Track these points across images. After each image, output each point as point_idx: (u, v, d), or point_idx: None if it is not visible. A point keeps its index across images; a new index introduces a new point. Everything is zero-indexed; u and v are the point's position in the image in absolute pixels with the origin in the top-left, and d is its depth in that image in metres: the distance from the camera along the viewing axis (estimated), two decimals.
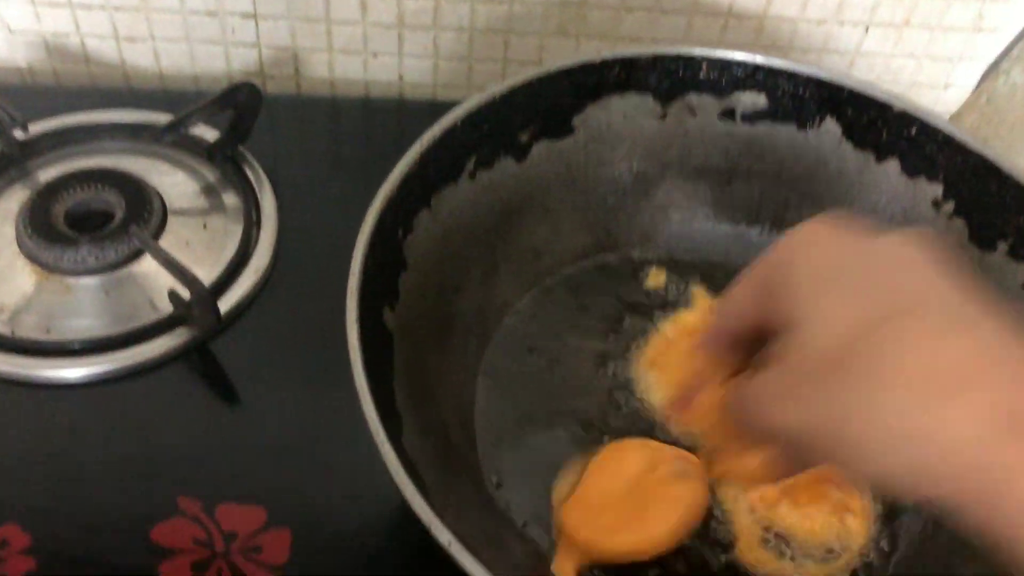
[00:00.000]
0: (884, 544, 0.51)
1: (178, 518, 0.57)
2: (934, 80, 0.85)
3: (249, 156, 0.75)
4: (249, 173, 0.74)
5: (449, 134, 0.53)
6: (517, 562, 0.47)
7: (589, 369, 0.57)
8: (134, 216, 0.68)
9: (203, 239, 0.70)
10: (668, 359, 0.58)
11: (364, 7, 0.78)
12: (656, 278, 0.61)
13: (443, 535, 0.38)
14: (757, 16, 0.79)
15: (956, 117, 0.89)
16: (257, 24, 0.80)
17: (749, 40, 0.81)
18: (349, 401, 0.43)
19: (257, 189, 0.73)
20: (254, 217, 0.71)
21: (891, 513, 0.53)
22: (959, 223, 0.57)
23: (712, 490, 0.52)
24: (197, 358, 0.65)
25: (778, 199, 0.62)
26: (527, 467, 0.52)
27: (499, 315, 0.57)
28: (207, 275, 0.66)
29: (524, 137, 0.58)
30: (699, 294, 0.61)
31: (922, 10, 0.79)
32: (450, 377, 0.53)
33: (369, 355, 0.44)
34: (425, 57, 0.82)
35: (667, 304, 0.61)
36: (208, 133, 0.76)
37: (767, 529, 0.51)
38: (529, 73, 0.56)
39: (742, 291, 0.36)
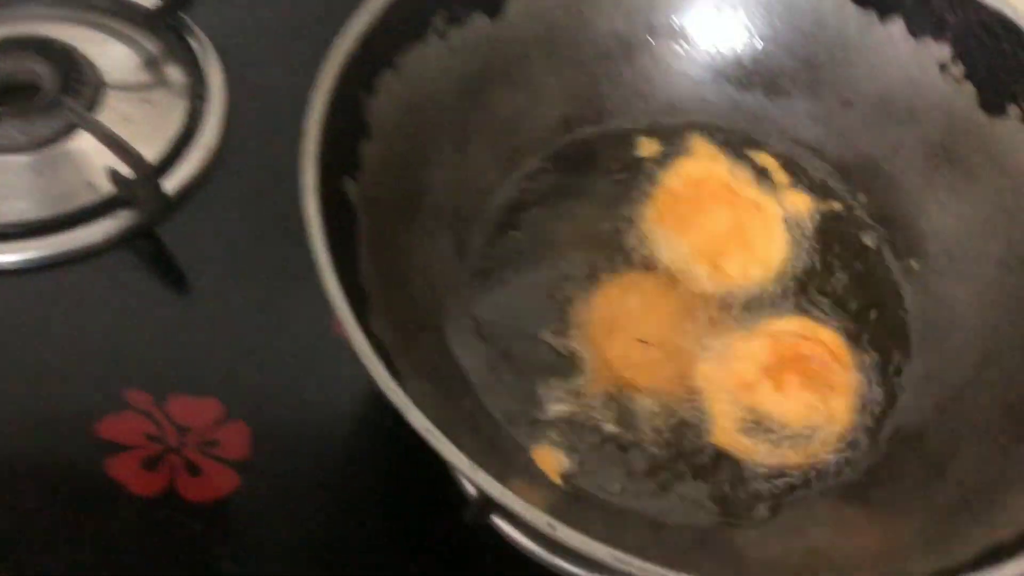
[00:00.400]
0: (870, 426, 0.48)
1: (126, 412, 0.53)
2: None
3: (193, 24, 0.68)
4: (194, 44, 0.67)
5: None
6: (495, 451, 0.44)
7: (582, 246, 0.53)
8: (66, 88, 0.61)
9: (144, 115, 0.64)
10: (677, 213, 0.54)
11: None
12: (648, 147, 0.57)
13: (419, 420, 0.34)
14: None
15: None
16: None
17: None
18: (310, 287, 0.39)
19: (203, 61, 0.67)
20: (200, 91, 0.65)
21: (886, 397, 0.49)
22: (968, 89, 0.53)
23: (686, 371, 0.48)
24: (143, 243, 0.59)
25: (771, 64, 0.57)
26: (509, 354, 0.48)
27: (475, 194, 0.53)
28: (150, 154, 0.60)
29: None
30: (699, 142, 0.57)
31: None
32: (422, 259, 0.48)
33: (330, 228, 0.40)
34: None
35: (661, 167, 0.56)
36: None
37: (744, 410, 0.48)
38: None
39: None
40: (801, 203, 0.56)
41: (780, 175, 0.57)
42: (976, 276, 0.51)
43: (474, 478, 0.33)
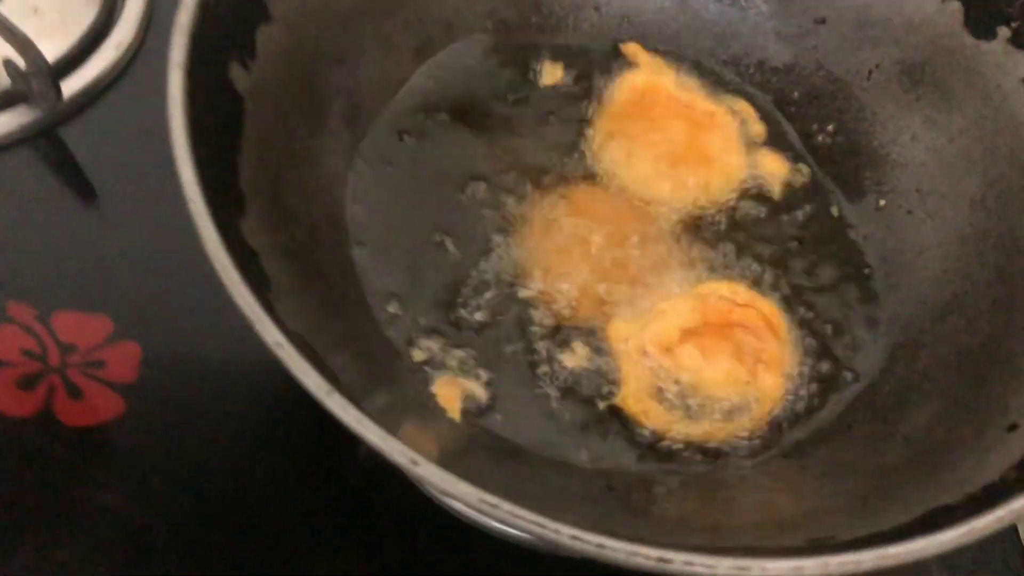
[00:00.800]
0: (799, 406, 0.43)
1: (6, 325, 0.48)
2: None
3: None
4: None
5: None
6: (389, 382, 0.39)
7: (506, 157, 0.48)
8: None
9: (55, 5, 0.58)
10: (628, 126, 0.48)
11: None
12: (552, 74, 0.51)
13: (271, 334, 0.29)
14: None
15: None
16: None
17: None
18: None
19: None
20: None
21: (815, 386, 0.44)
22: (954, 7, 0.47)
23: (600, 326, 0.43)
24: (44, 144, 0.54)
25: None
26: (413, 276, 0.43)
27: (389, 93, 0.47)
28: (57, 47, 0.55)
29: None
30: (635, 50, 0.51)
31: None
32: (322, 164, 0.43)
33: (204, 116, 0.35)
34: None
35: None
36: None
37: (663, 375, 0.42)
38: None
39: None
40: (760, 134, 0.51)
41: (742, 104, 0.51)
42: (948, 216, 0.46)
43: (327, 403, 0.28)
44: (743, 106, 0.52)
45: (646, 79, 0.50)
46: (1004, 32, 0.45)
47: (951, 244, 0.45)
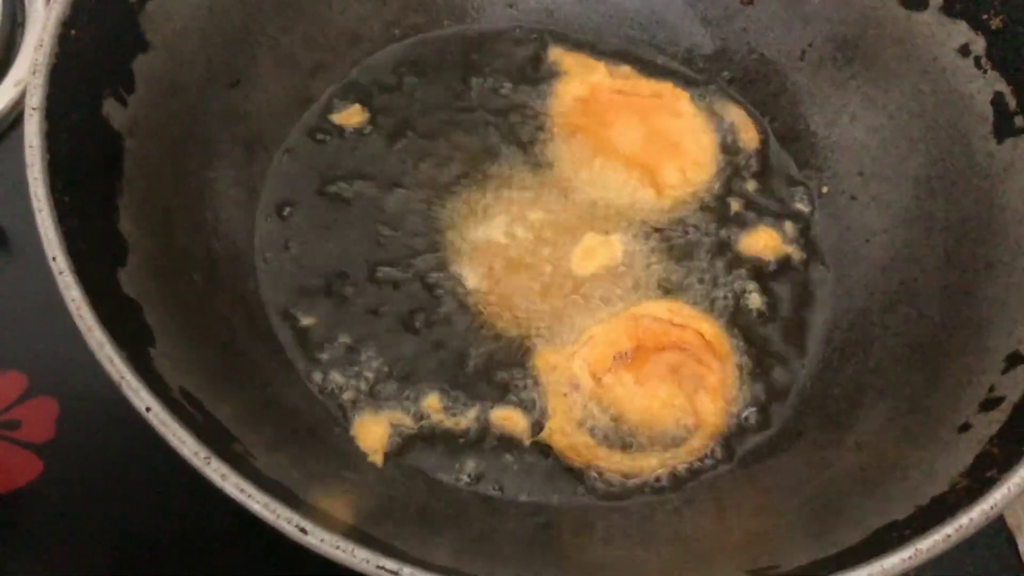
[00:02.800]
0: (747, 419, 0.40)
1: None
2: None
3: None
4: None
5: None
6: (297, 434, 0.36)
7: (438, 177, 0.45)
8: None
9: None
10: (583, 134, 0.46)
11: None
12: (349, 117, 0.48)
13: (138, 397, 0.26)
14: None
15: None
16: None
17: None
18: None
19: None
20: (18, 17, 0.56)
21: (762, 393, 0.41)
22: None
23: (524, 353, 0.40)
24: None
25: None
26: (331, 308, 0.40)
27: (296, 114, 0.44)
28: None
29: None
30: (558, 55, 0.49)
31: None
32: (222, 199, 0.40)
33: (72, 158, 0.32)
34: None
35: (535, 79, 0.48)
36: None
37: (593, 406, 0.39)
38: None
39: None
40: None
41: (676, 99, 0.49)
42: (892, 199, 0.43)
43: (206, 471, 0.25)
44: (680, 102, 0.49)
45: (583, 85, 0.47)
46: (935, 1, 0.43)
47: (897, 229, 0.43)
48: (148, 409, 0.26)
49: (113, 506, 0.44)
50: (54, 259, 0.29)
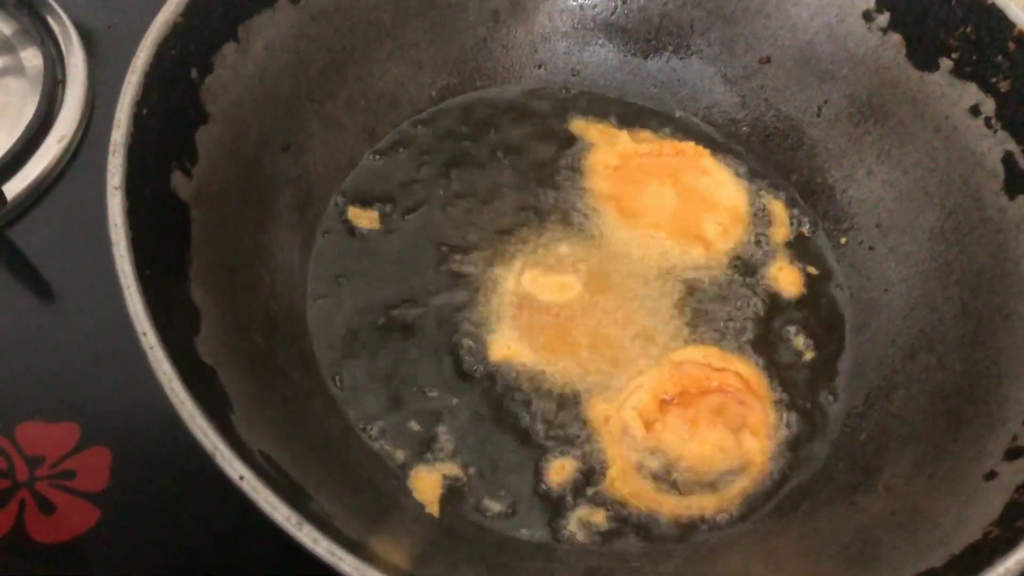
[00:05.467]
0: (782, 464, 0.43)
1: None
2: None
3: (54, 3, 0.62)
4: (54, 24, 0.61)
5: None
6: (361, 490, 0.38)
7: (476, 238, 0.47)
8: None
9: None
10: (627, 190, 0.48)
11: None
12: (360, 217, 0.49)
13: (231, 467, 0.28)
14: None
15: None
16: None
17: None
18: None
19: (63, 43, 0.61)
20: (59, 76, 0.58)
21: (796, 437, 0.44)
22: (895, 39, 0.47)
23: (578, 406, 0.43)
24: None
25: (681, 20, 0.51)
26: (383, 368, 0.42)
27: (342, 173, 0.46)
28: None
29: None
30: (582, 127, 0.51)
31: None
32: (277, 258, 0.42)
33: (148, 232, 0.34)
34: None
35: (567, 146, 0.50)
36: None
37: (647, 453, 0.42)
38: None
39: None
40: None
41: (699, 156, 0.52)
42: (909, 250, 0.46)
43: (299, 537, 0.27)
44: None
45: (611, 155, 0.50)
46: (946, 63, 0.45)
47: (915, 279, 0.45)
48: (241, 478, 0.28)
49: (169, 550, 0.45)
50: (144, 335, 0.31)
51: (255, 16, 0.43)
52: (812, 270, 0.48)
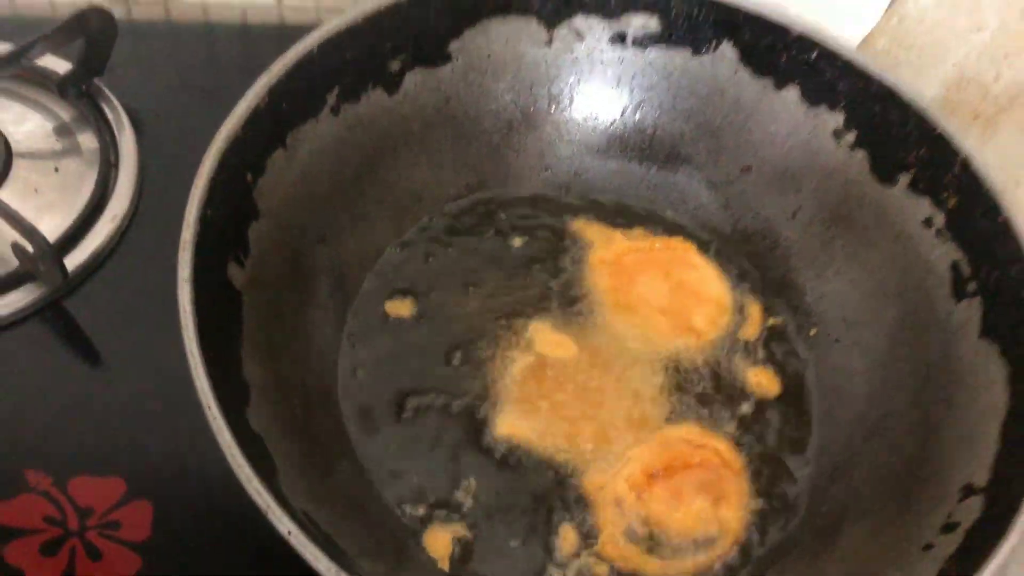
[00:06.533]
0: (755, 534, 0.48)
1: (26, 495, 0.51)
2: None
3: (107, 91, 0.68)
4: (107, 110, 0.67)
5: (304, 64, 0.48)
6: (383, 545, 0.43)
7: (487, 322, 0.53)
8: None
9: (54, 184, 0.63)
10: (622, 283, 0.55)
11: None
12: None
13: (282, 523, 0.34)
14: None
15: (869, 38, 0.85)
16: None
17: None
18: None
19: (116, 127, 0.66)
20: (112, 158, 0.64)
21: (767, 508, 0.49)
22: (860, 155, 0.54)
23: (575, 477, 0.48)
24: (50, 316, 0.59)
25: (673, 131, 0.58)
26: (404, 438, 0.48)
27: (370, 262, 0.53)
28: (58, 225, 0.60)
29: (395, 65, 0.53)
30: (582, 226, 0.58)
31: None
32: (313, 336, 0.48)
33: (209, 318, 0.40)
34: None
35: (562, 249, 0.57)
36: (60, 65, 0.68)
37: (636, 520, 0.48)
38: None
39: None
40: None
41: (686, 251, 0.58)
42: (871, 343, 0.51)
43: None
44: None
45: (607, 251, 0.56)
46: (904, 179, 0.52)
47: (875, 370, 0.51)
48: (289, 533, 0.34)
49: None
50: (208, 408, 0.36)
51: (301, 125, 0.49)
52: (784, 359, 0.54)
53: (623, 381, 0.51)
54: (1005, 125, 0.70)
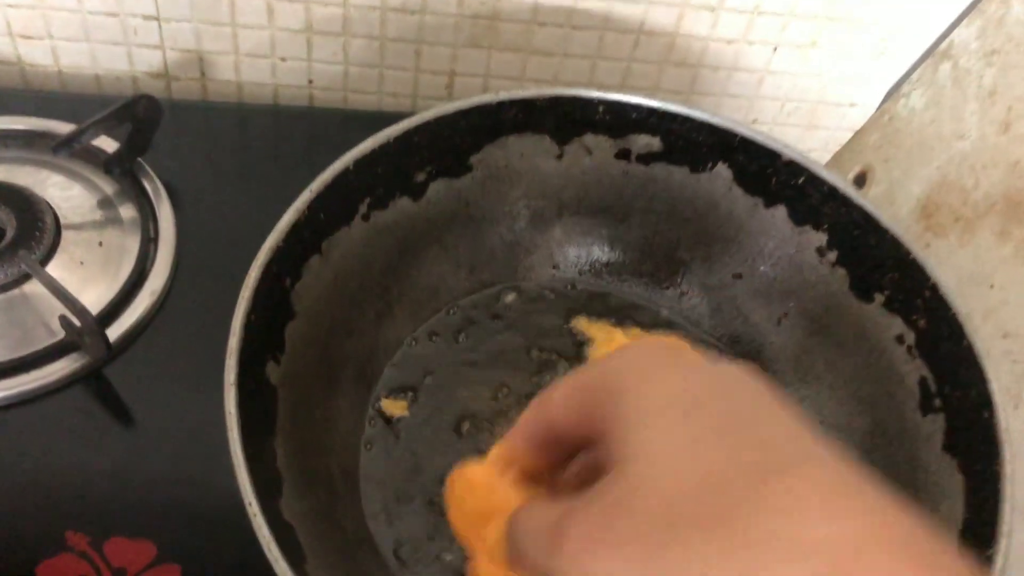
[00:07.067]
0: None
1: (65, 554, 0.56)
2: (839, 99, 0.87)
3: (147, 167, 0.73)
4: (147, 184, 0.72)
5: (341, 178, 0.53)
6: None
7: (491, 405, 0.58)
8: (25, 234, 0.66)
9: (98, 257, 0.68)
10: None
11: (271, 11, 0.76)
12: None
13: None
14: (668, 33, 0.80)
15: (860, 134, 0.91)
16: (160, 26, 0.78)
17: (660, 57, 0.81)
18: None
19: (155, 203, 0.71)
20: (151, 232, 0.69)
21: None
22: (841, 272, 0.58)
23: None
24: (93, 383, 0.63)
25: (671, 238, 0.63)
26: (419, 526, 0.52)
27: (390, 353, 0.57)
28: (101, 296, 0.65)
29: (420, 177, 0.58)
30: (584, 325, 0.62)
31: (828, 33, 0.80)
32: (338, 425, 0.53)
33: (248, 416, 0.44)
34: (335, 63, 0.81)
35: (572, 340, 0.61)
36: (107, 143, 0.73)
37: None
38: (426, 114, 0.56)
39: (564, 394, 0.31)
40: None
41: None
42: (845, 447, 0.56)
43: None
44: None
45: (609, 347, 0.60)
46: (880, 298, 0.56)
47: None
48: None
49: None
50: (250, 504, 0.41)
51: (336, 233, 0.54)
52: None
53: None
54: (981, 230, 0.75)
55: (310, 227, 0.52)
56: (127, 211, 0.71)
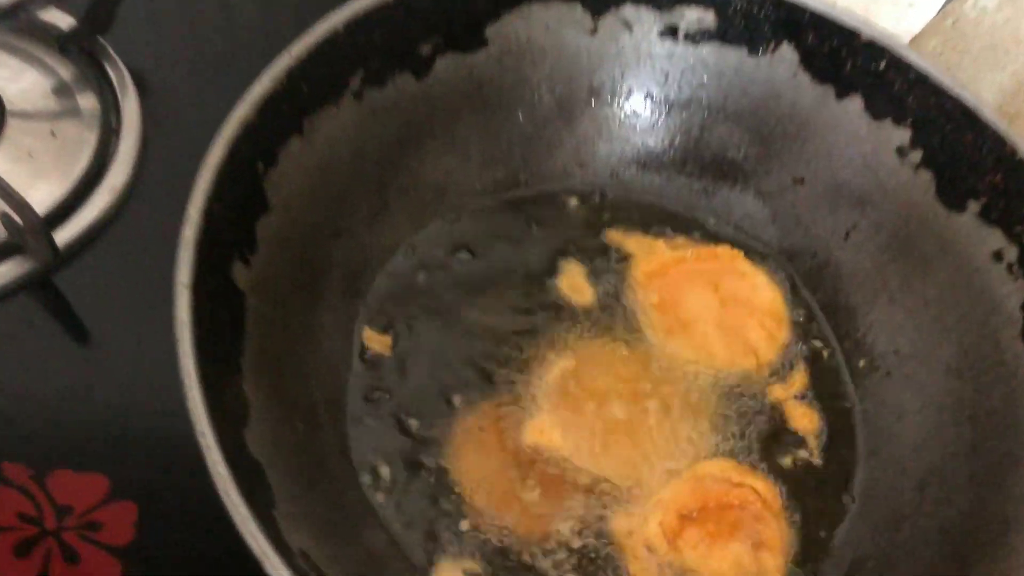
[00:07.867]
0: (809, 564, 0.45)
1: (1, 488, 0.48)
2: None
3: (111, 50, 0.64)
4: (110, 71, 0.63)
5: (328, 44, 0.44)
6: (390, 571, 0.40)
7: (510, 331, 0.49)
8: None
9: (50, 148, 0.60)
10: (670, 300, 0.51)
11: None
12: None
13: (277, 574, 0.30)
14: None
15: (917, 39, 0.81)
16: None
17: None
18: None
19: (119, 90, 0.63)
20: (113, 124, 0.61)
21: (807, 556, 0.45)
22: (926, 176, 0.50)
23: (604, 524, 0.44)
24: (39, 292, 0.55)
25: (721, 134, 0.54)
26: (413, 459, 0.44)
27: (385, 259, 0.49)
28: (53, 193, 0.57)
29: (426, 49, 0.49)
30: (619, 238, 0.53)
31: None
32: (321, 344, 0.44)
33: (208, 325, 0.36)
34: None
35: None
36: (61, 19, 0.64)
37: (669, 568, 0.43)
38: None
39: None
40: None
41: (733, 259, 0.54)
42: (925, 381, 0.48)
43: None
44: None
45: (651, 263, 0.52)
46: (974, 206, 0.48)
47: (929, 411, 0.47)
48: None
49: None
50: (203, 435, 0.32)
51: (320, 111, 0.45)
52: (829, 391, 0.50)
53: (665, 410, 0.48)
54: None
55: (289, 100, 0.43)
56: (86, 100, 0.63)
